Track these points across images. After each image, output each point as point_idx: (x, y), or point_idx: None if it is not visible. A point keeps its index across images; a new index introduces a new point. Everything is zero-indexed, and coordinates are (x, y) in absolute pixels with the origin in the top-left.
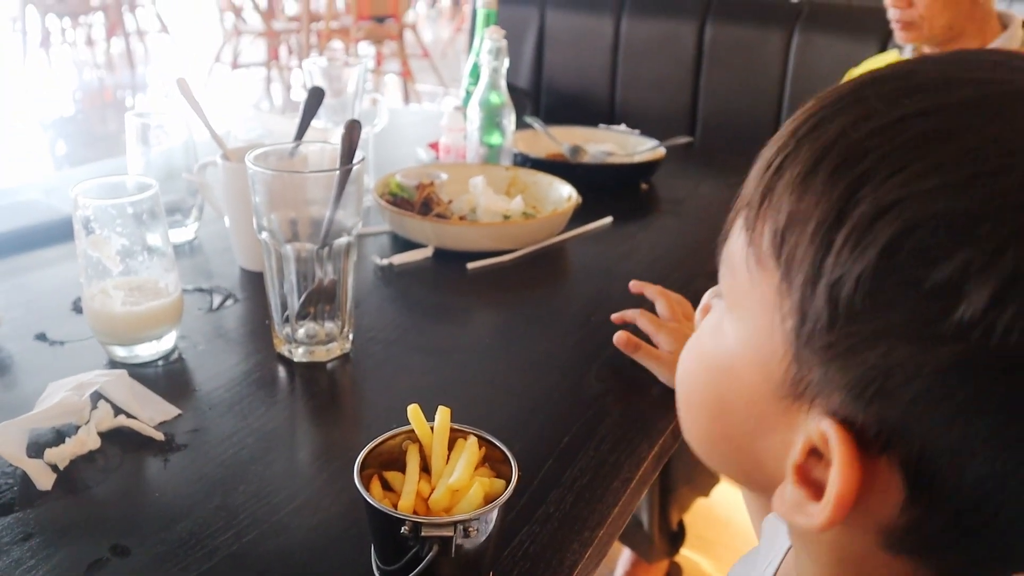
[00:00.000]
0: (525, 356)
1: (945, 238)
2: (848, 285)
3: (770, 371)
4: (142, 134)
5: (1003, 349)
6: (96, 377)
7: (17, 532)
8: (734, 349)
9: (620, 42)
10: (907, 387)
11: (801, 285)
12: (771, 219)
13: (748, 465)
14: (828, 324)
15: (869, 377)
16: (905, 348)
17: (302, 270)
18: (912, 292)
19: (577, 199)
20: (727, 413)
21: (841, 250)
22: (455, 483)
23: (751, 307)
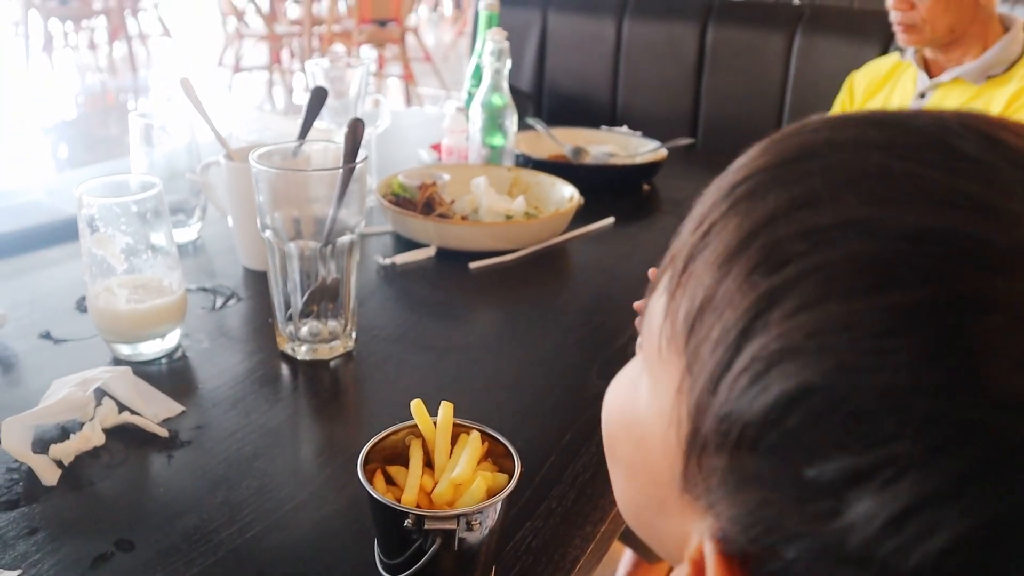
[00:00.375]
0: (527, 354)
1: (839, 424)
2: (737, 425)
3: (673, 462)
4: (146, 134)
5: (887, 567)
6: (100, 373)
7: (23, 527)
8: (646, 421)
9: (622, 45)
10: (789, 548)
11: (697, 395)
12: (689, 294)
13: (654, 537)
14: (715, 451)
15: (751, 521)
16: (788, 510)
17: (305, 268)
18: (797, 465)
19: (579, 200)
20: (636, 481)
21: (737, 379)
22: (458, 477)
23: (663, 386)
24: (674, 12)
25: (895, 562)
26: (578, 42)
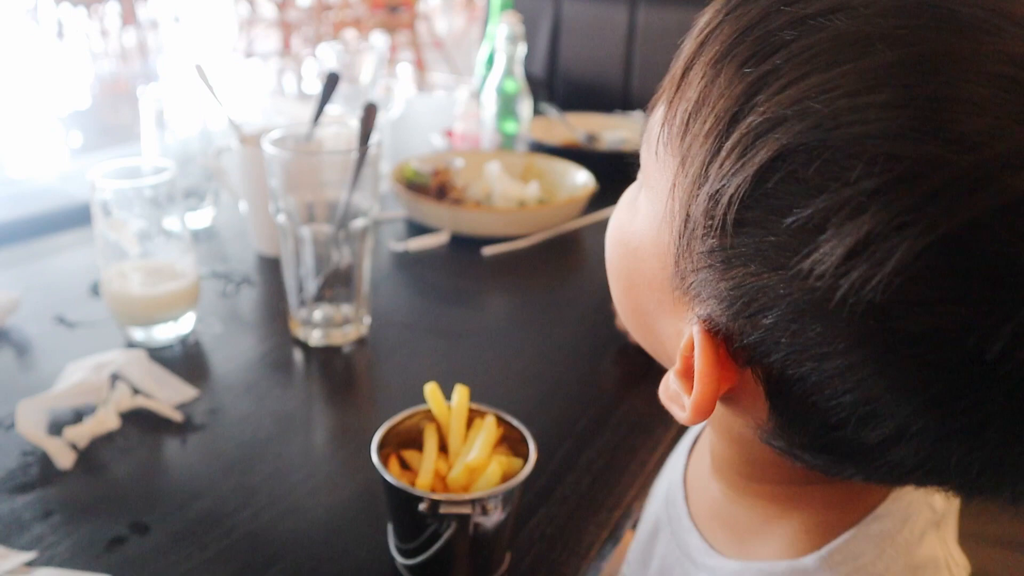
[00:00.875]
0: (541, 340)
1: (817, 173)
2: (724, 200)
3: (666, 261)
4: (158, 119)
5: (851, 309)
6: (114, 357)
7: (38, 509)
8: (642, 230)
9: (635, 30)
10: (768, 313)
11: (689, 184)
12: (686, 97)
13: (655, 342)
14: (704, 233)
15: (736, 295)
16: (768, 276)
17: (319, 252)
18: (776, 223)
19: (593, 186)
20: (635, 289)
21: (724, 160)
22: (473, 462)
23: (658, 190)
24: None
25: (855, 300)
26: (591, 28)
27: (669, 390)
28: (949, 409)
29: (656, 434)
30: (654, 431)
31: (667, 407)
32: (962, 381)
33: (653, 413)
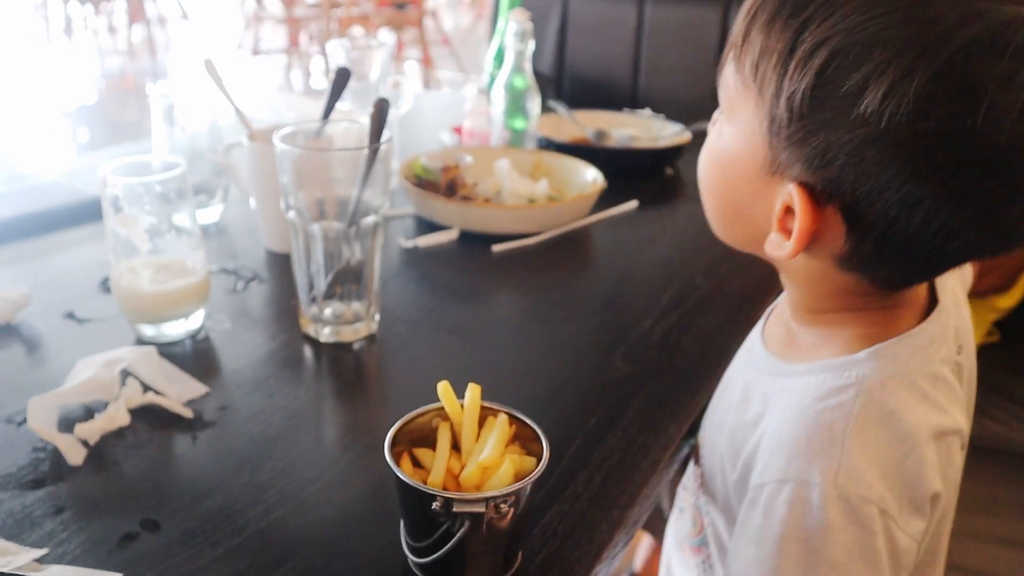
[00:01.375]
0: (551, 338)
1: (853, 60)
2: (798, 96)
3: (755, 157)
4: (167, 114)
5: (892, 130)
6: (125, 354)
7: (49, 505)
8: (732, 145)
9: (643, 28)
10: (838, 156)
11: (770, 98)
12: (750, 53)
13: (748, 229)
14: (787, 122)
15: (815, 154)
16: (835, 131)
17: (329, 249)
18: (835, 95)
19: (602, 183)
20: (731, 191)
21: (793, 73)
22: (486, 460)
23: (741, 116)
24: None
25: (892, 122)
26: (599, 25)
27: (772, 244)
28: (960, 190)
29: (668, 432)
30: (666, 429)
31: (773, 255)
32: (962, 164)
33: (664, 411)
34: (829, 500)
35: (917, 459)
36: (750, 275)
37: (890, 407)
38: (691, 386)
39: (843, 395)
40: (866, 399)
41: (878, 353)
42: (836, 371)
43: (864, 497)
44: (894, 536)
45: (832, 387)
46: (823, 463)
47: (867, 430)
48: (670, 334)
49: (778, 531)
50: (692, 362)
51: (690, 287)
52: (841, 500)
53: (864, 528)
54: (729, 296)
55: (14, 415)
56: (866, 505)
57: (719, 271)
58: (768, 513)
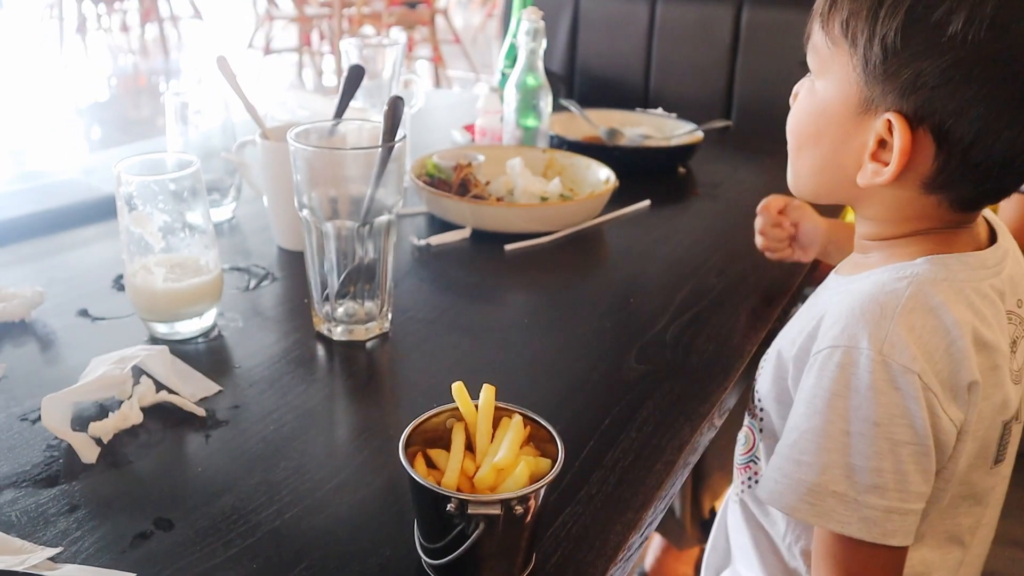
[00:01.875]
0: (564, 338)
1: None
2: (891, 34)
3: (849, 100)
4: (181, 113)
5: (975, 51)
6: (138, 352)
7: (63, 503)
8: (824, 96)
9: (655, 26)
10: (929, 82)
11: (863, 44)
12: (838, 16)
13: (837, 174)
14: (882, 60)
15: (907, 83)
16: (925, 62)
17: (342, 248)
18: (924, 27)
19: (615, 182)
20: (823, 138)
21: (884, 18)
22: (501, 462)
23: (833, 70)
24: None
25: (973, 38)
26: (611, 23)
27: (867, 175)
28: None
29: (682, 434)
30: (680, 431)
31: (869, 183)
32: None
33: (678, 412)
34: (875, 364)
35: (958, 348)
36: (765, 275)
37: (938, 300)
38: (706, 387)
39: (898, 284)
40: (916, 289)
41: (932, 260)
42: (894, 270)
43: (906, 367)
44: (935, 410)
45: (888, 278)
46: (873, 332)
47: (915, 313)
48: (684, 334)
49: (829, 388)
50: (707, 362)
51: (704, 287)
52: (885, 366)
53: (906, 395)
54: (744, 296)
55: (28, 412)
56: (908, 374)
57: (733, 270)
58: (821, 374)
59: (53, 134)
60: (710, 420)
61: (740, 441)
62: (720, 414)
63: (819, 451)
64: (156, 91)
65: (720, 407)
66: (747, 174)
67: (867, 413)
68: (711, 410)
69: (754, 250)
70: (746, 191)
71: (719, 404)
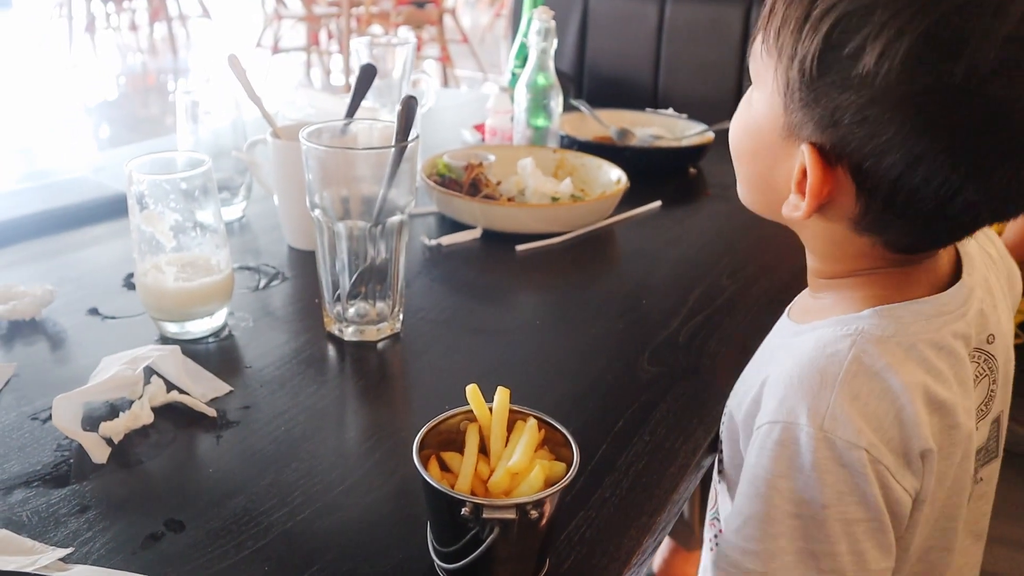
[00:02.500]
0: (576, 339)
1: (855, 23)
2: (808, 59)
3: (776, 122)
4: (191, 111)
5: (887, 88)
6: (149, 352)
7: (74, 504)
8: (758, 111)
9: (664, 26)
10: (844, 115)
11: (786, 63)
12: (774, 23)
13: (771, 195)
14: (799, 85)
15: (825, 114)
16: (841, 96)
17: (354, 248)
18: (839, 58)
19: (626, 183)
20: (756, 156)
21: (804, 39)
22: (515, 466)
23: (765, 81)
24: None
25: (889, 78)
26: (620, 23)
27: (789, 206)
28: (953, 148)
29: (696, 436)
30: (694, 433)
31: (789, 216)
32: (951, 121)
33: (692, 415)
34: (817, 443)
35: (908, 415)
36: (777, 277)
37: (883, 362)
38: (718, 389)
39: (840, 344)
40: (859, 351)
41: (881, 312)
42: (839, 324)
43: (851, 443)
44: (887, 482)
45: (832, 338)
46: (812, 406)
47: (858, 379)
48: (696, 336)
49: (770, 468)
50: (720, 364)
51: (716, 289)
52: (829, 444)
53: (854, 471)
54: (756, 298)
55: (39, 412)
56: (854, 450)
57: (745, 272)
58: (761, 452)
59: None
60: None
61: (711, 494)
62: None
63: (765, 537)
64: (165, 90)
65: None
66: None
67: (814, 495)
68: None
69: (765, 252)
70: None
71: None
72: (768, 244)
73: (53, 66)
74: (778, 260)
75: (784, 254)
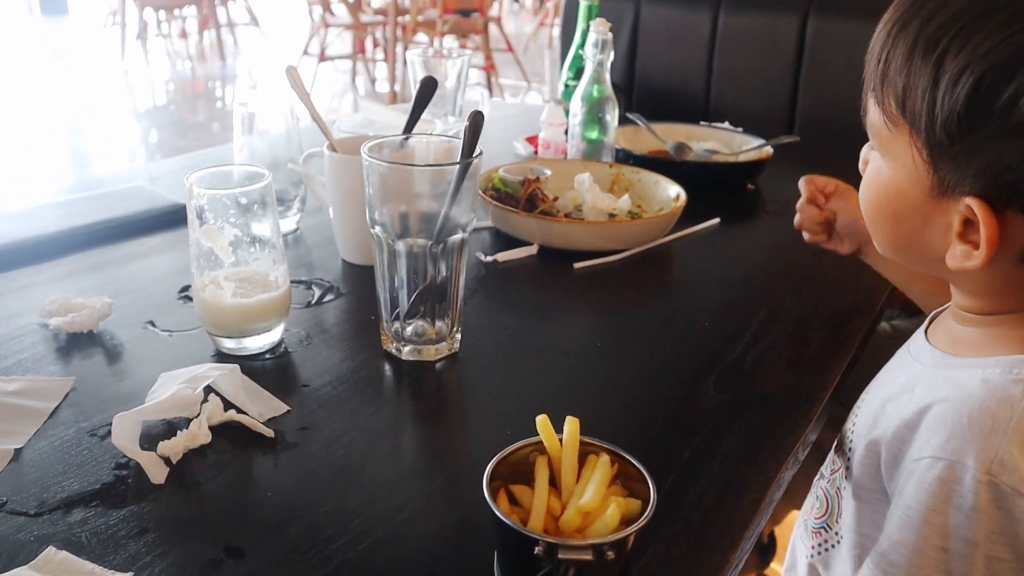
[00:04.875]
0: (638, 362)
1: (1002, 77)
2: (954, 120)
3: (921, 183)
4: (247, 122)
5: None
6: (208, 371)
7: (132, 526)
8: (894, 179)
9: (717, 36)
10: (1009, 166)
11: (925, 128)
12: (891, 93)
13: (923, 251)
14: (949, 145)
15: (985, 166)
16: (999, 145)
17: (413, 266)
18: (991, 112)
19: (685, 199)
20: (902, 220)
21: (940, 103)
22: (587, 504)
23: (897, 151)
24: (773, 3)
25: None
26: (671, 34)
27: (956, 258)
28: None
29: (768, 470)
30: (765, 467)
31: (959, 266)
32: None
33: (763, 446)
34: (980, 485)
35: None
36: (844, 298)
37: None
38: (790, 419)
39: (1012, 389)
40: None
41: None
42: (1006, 367)
43: (1015, 490)
44: None
45: (1001, 381)
46: (982, 449)
47: None
48: (762, 361)
49: (926, 502)
50: (789, 392)
51: (780, 310)
52: (992, 487)
53: (1011, 516)
54: (824, 320)
55: (97, 428)
56: (1017, 497)
57: (810, 293)
58: (920, 485)
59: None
60: (795, 455)
61: (812, 503)
62: (804, 448)
63: (910, 566)
64: (212, 96)
65: (804, 441)
66: None
67: (966, 533)
68: (796, 444)
69: (831, 271)
70: None
71: (803, 438)
72: (833, 264)
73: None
74: (843, 281)
75: (851, 274)
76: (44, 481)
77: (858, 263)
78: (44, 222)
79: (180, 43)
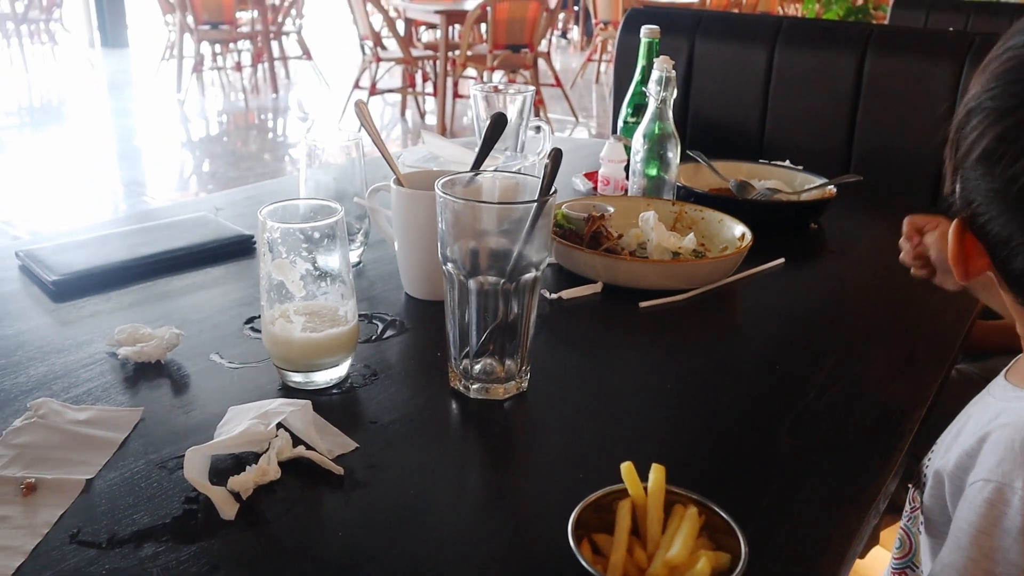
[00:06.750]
0: (709, 405)
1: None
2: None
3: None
4: (313, 155)
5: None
6: (280, 407)
7: (203, 563)
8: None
9: (772, 73)
10: (987, 214)
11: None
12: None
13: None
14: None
15: (965, 203)
16: (979, 191)
17: (484, 304)
18: (989, 178)
19: (750, 239)
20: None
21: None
22: (674, 558)
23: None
24: (829, 40)
25: None
26: (726, 69)
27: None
28: None
29: (849, 522)
30: (846, 518)
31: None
32: None
33: (843, 496)
34: None
35: None
36: (917, 338)
37: None
38: (870, 469)
39: None
40: None
41: None
42: None
43: None
44: None
45: None
46: None
47: None
48: (838, 405)
49: (975, 524)
50: (866, 438)
51: (853, 352)
52: None
53: None
54: (899, 362)
55: (166, 460)
56: None
57: (881, 334)
58: (970, 507)
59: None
60: (876, 506)
61: (895, 542)
62: (884, 498)
63: None
64: (264, 127)
65: (885, 492)
66: (880, 231)
67: (1014, 557)
68: (877, 495)
69: (902, 313)
70: (882, 250)
71: (884, 488)
72: (907, 306)
73: (163, 103)
74: (921, 323)
75: (921, 316)
76: (115, 513)
77: (930, 305)
78: (112, 251)
79: (235, 75)
